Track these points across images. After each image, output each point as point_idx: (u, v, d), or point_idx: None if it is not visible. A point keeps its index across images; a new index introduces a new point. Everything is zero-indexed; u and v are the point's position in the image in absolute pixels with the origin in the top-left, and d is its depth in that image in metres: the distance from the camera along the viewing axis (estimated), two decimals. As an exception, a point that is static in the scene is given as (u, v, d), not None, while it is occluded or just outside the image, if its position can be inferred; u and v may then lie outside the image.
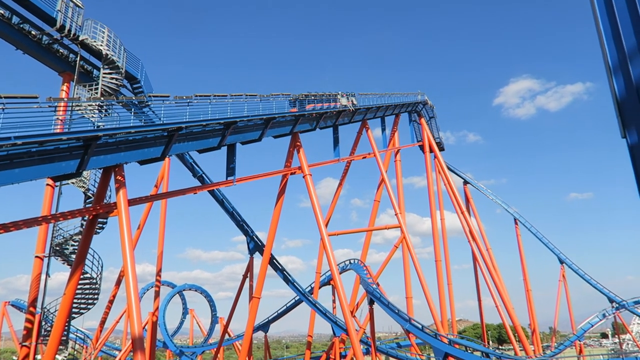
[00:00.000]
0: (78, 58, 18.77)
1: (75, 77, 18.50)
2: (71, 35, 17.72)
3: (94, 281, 20.43)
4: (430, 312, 34.37)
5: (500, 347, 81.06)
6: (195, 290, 60.37)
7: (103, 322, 37.56)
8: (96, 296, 20.92)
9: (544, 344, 61.01)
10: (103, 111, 16.42)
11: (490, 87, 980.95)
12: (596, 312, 52.99)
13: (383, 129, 40.57)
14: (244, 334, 33.38)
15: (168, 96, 18.13)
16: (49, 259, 18.60)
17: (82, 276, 18.60)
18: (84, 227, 17.53)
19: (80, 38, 18.10)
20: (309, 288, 41.69)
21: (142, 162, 17.74)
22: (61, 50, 18.62)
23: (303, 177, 27.80)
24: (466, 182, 53.93)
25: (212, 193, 35.10)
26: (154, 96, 18.20)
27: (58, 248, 19.68)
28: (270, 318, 47.15)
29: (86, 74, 19.78)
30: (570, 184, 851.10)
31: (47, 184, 18.70)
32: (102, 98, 18.12)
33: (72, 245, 20.13)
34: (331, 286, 40.74)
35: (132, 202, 17.83)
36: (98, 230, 19.19)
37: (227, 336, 51.85)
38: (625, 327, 65.62)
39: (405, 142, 44.95)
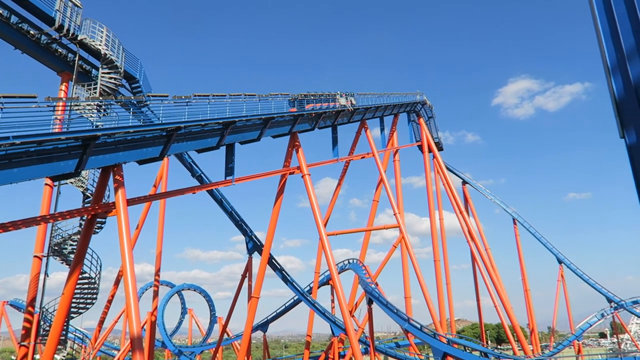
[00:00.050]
0: (77, 58, 18.77)
1: (73, 77, 18.51)
2: (70, 34, 17.71)
3: (93, 281, 20.41)
4: (429, 312, 34.42)
5: (498, 347, 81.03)
6: (194, 290, 60.34)
7: (102, 322, 37.60)
8: (95, 296, 20.90)
9: (543, 344, 61.06)
10: (102, 111, 16.40)
11: (489, 87, 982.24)
12: (595, 312, 52.98)
13: (382, 129, 40.57)
14: (243, 334, 33.35)
15: (167, 96, 18.10)
16: (48, 259, 18.60)
17: (81, 276, 18.60)
18: (83, 227, 17.50)
19: (78, 38, 18.08)
20: (308, 288, 41.76)
21: (141, 162, 17.71)
22: (60, 49, 18.62)
23: (302, 177, 27.79)
24: (465, 182, 53.94)
25: (211, 193, 35.08)
26: (153, 96, 18.16)
27: (57, 248, 19.67)
28: (269, 318, 47.18)
29: (85, 74, 19.77)
30: (569, 184, 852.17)
31: (46, 184, 18.72)
32: (101, 98, 18.09)
33: (71, 244, 20.14)
34: (330, 286, 40.73)
35: (131, 202, 17.81)
36: (97, 230, 19.16)
37: (226, 336, 51.90)
38: (623, 327, 65.62)
39: (404, 142, 45.03)
